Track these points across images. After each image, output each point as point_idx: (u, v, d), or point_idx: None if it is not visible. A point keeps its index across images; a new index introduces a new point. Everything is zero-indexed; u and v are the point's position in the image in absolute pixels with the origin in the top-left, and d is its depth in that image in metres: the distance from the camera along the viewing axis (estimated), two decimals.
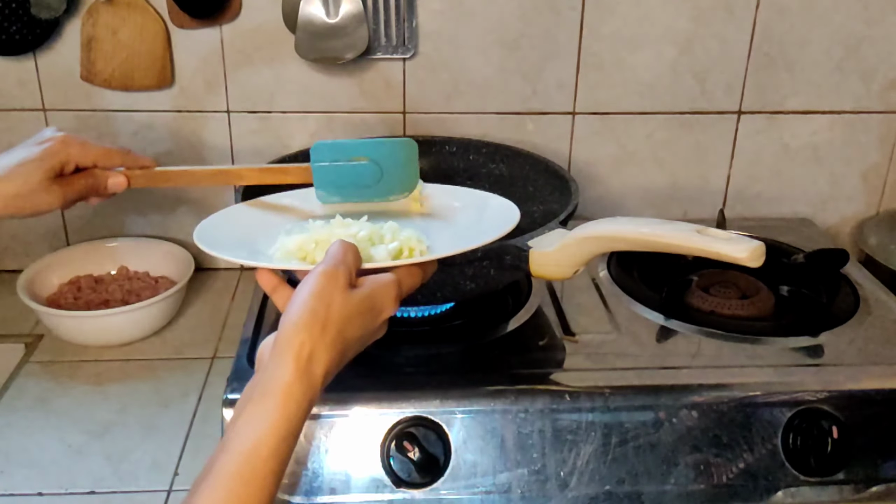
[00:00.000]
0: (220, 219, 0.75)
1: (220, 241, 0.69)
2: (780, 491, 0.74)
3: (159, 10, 1.01)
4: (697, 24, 1.06)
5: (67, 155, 0.76)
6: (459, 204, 0.78)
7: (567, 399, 0.74)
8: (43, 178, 0.75)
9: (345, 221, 0.72)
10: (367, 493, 0.72)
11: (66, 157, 0.76)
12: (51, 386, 0.92)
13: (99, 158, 0.78)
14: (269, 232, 0.73)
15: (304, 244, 0.68)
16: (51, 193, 0.75)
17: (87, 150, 0.78)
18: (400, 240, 0.68)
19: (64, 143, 0.76)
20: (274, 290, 0.64)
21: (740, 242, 0.64)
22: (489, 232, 0.68)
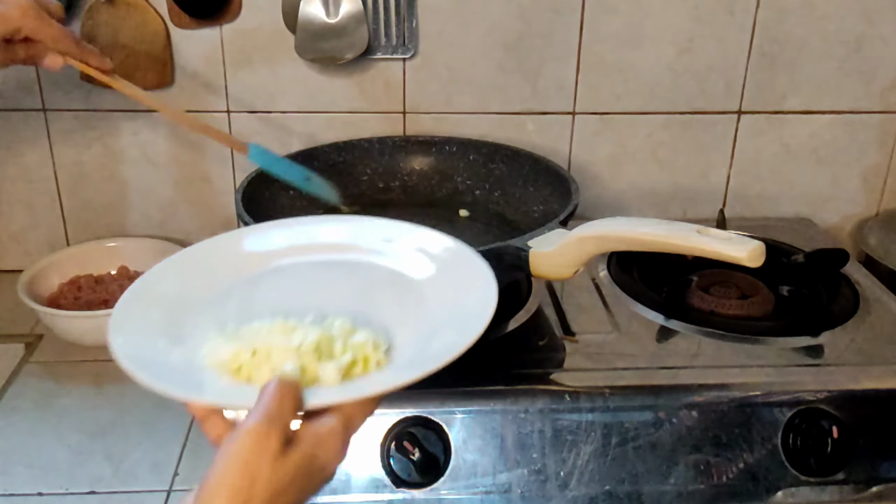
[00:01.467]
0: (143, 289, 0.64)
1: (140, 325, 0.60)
2: (780, 491, 0.74)
3: (159, 10, 1.01)
4: (697, 24, 1.06)
5: (22, 26, 0.75)
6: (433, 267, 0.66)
7: (567, 399, 0.74)
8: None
9: (288, 325, 0.58)
10: (367, 493, 0.72)
11: (20, 27, 0.75)
12: (51, 386, 0.92)
13: (49, 41, 0.77)
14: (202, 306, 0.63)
15: (239, 354, 0.56)
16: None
17: (41, 28, 0.76)
18: (352, 348, 0.56)
19: (23, 13, 0.75)
20: (205, 420, 0.54)
21: (740, 242, 0.64)
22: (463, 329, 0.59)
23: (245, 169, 0.96)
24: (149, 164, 1.09)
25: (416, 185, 1.04)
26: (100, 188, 1.10)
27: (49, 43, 0.78)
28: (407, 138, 1.05)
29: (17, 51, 0.77)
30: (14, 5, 0.75)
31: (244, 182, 0.89)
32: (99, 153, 1.08)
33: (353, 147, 1.02)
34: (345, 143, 1.02)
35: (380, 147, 1.04)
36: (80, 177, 1.10)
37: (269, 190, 0.94)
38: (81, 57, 0.80)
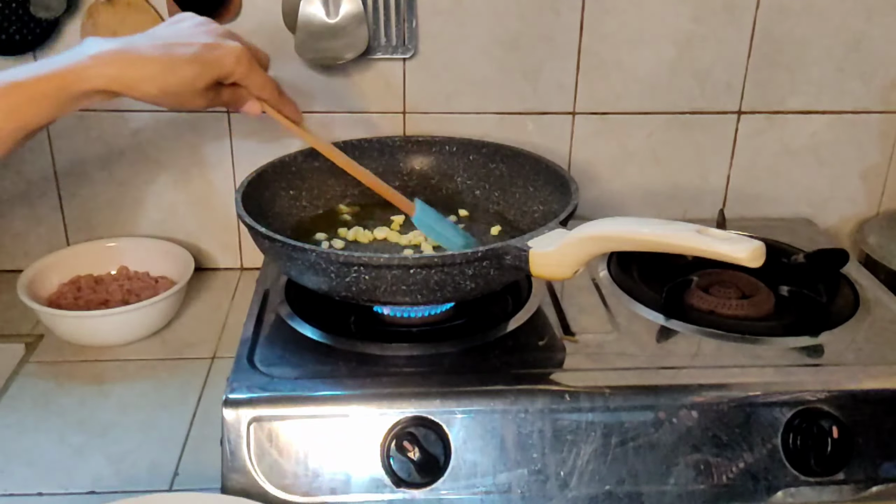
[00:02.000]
0: None
1: None
2: (780, 491, 0.74)
3: (159, 10, 1.01)
4: (697, 24, 1.06)
5: (234, 71, 0.77)
6: None
7: (567, 399, 0.74)
8: (206, 85, 0.76)
9: None
10: (367, 493, 0.72)
11: (232, 72, 0.77)
12: (51, 386, 0.92)
13: (255, 88, 0.80)
14: None
15: None
16: (202, 98, 0.77)
17: (251, 76, 0.79)
18: None
19: (237, 60, 0.77)
20: None
21: (740, 242, 0.64)
22: None
23: (245, 169, 0.96)
24: (149, 164, 1.09)
25: (416, 185, 1.04)
26: (100, 188, 1.10)
27: (254, 91, 0.80)
28: (407, 138, 1.05)
29: (222, 94, 0.80)
30: (230, 52, 0.77)
31: (244, 182, 0.90)
32: (99, 153, 1.08)
33: (353, 147, 1.02)
34: (345, 143, 1.02)
35: (380, 147, 1.04)
36: (80, 177, 1.10)
37: (269, 190, 0.94)
38: (279, 107, 0.84)
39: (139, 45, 0.73)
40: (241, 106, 0.82)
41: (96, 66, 0.71)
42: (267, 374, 0.76)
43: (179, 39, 0.75)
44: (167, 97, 0.75)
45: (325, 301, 0.83)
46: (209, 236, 1.15)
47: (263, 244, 0.80)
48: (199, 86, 0.75)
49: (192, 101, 0.76)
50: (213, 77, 0.76)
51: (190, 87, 0.75)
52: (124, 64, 0.72)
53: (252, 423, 0.72)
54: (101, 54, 0.71)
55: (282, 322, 0.85)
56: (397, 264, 0.73)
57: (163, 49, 0.73)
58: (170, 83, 0.74)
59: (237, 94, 0.81)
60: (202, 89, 0.76)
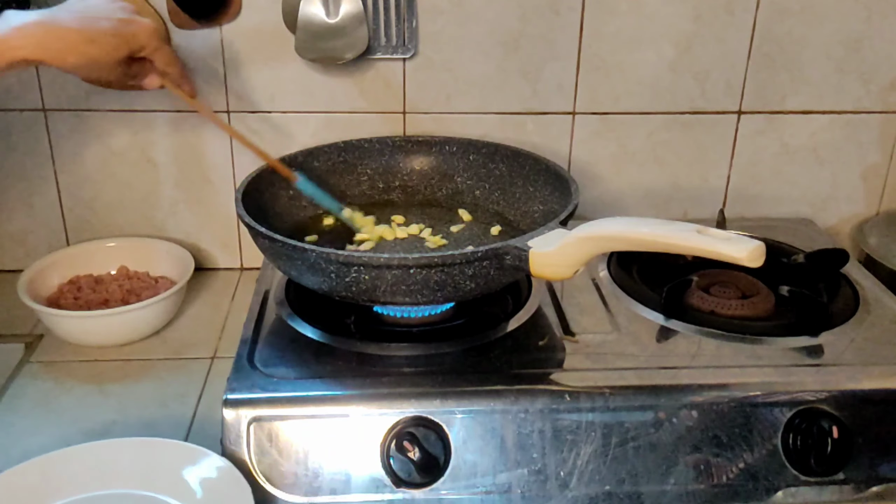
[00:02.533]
0: None
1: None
2: (780, 491, 0.74)
3: (159, 10, 1.01)
4: (697, 24, 1.06)
5: (146, 45, 0.80)
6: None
7: (567, 399, 0.74)
8: (122, 57, 0.78)
9: None
10: (367, 493, 0.72)
11: (145, 47, 0.80)
12: (51, 386, 0.92)
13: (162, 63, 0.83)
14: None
15: None
16: (115, 70, 0.79)
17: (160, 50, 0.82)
18: None
19: (150, 36, 0.80)
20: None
21: (740, 242, 0.64)
22: None
23: (245, 169, 0.96)
24: (149, 164, 1.09)
25: (416, 185, 1.04)
26: (100, 188, 1.10)
27: (161, 65, 0.83)
28: (407, 138, 1.05)
29: (132, 67, 0.82)
30: (145, 27, 0.80)
31: (244, 182, 0.90)
32: (99, 153, 1.08)
33: (353, 147, 1.02)
34: (345, 143, 1.02)
35: (380, 147, 1.04)
36: (80, 177, 1.10)
37: (269, 190, 0.94)
38: (180, 82, 0.87)
39: (60, 17, 0.76)
40: (144, 79, 0.84)
41: (18, 38, 0.72)
42: (267, 374, 0.76)
43: (97, 13, 0.78)
44: (85, 67, 0.77)
45: (325, 301, 0.83)
46: (209, 236, 1.15)
47: (263, 244, 0.80)
48: (116, 57, 0.78)
49: (108, 72, 0.79)
50: (129, 50, 0.79)
51: (108, 58, 0.77)
52: (46, 35, 0.74)
53: (252, 423, 0.72)
54: (23, 26, 0.73)
55: (282, 322, 0.85)
56: (397, 264, 0.73)
57: (83, 22, 0.76)
58: (90, 54, 0.76)
59: (143, 68, 0.83)
60: (117, 61, 0.79)
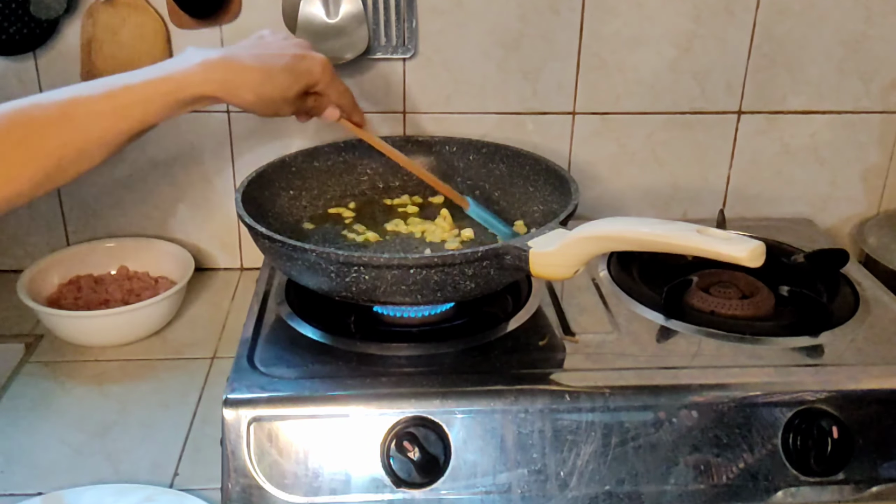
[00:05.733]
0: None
1: None
2: (780, 491, 0.74)
3: (159, 10, 1.01)
4: (697, 24, 1.06)
5: (320, 80, 0.82)
6: None
7: (567, 399, 0.74)
8: (297, 93, 0.81)
9: None
10: (367, 493, 0.72)
11: (318, 81, 0.82)
12: (51, 386, 0.92)
13: (335, 96, 0.85)
14: None
15: None
16: (291, 105, 0.82)
17: (333, 85, 0.84)
18: None
19: (323, 69, 0.82)
20: None
21: (740, 242, 0.64)
22: None
23: (245, 169, 0.96)
24: (149, 164, 1.09)
25: (416, 185, 1.04)
26: (100, 188, 1.10)
27: (334, 98, 0.85)
28: (407, 138, 1.05)
29: (307, 101, 0.84)
30: (317, 62, 0.82)
31: (244, 182, 0.90)
32: None
33: (353, 147, 1.02)
34: (345, 143, 1.02)
35: None
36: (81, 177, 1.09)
37: (269, 190, 0.94)
38: (351, 114, 0.89)
39: (240, 55, 0.78)
40: (321, 112, 0.87)
41: (205, 73, 0.74)
42: (267, 374, 0.76)
43: (271, 51, 0.80)
44: (262, 103, 0.78)
45: (325, 301, 0.83)
46: (209, 236, 1.15)
47: (263, 244, 0.80)
48: (291, 93, 0.80)
49: (283, 107, 0.81)
50: (303, 85, 0.81)
51: (283, 94, 0.79)
52: (229, 71, 0.76)
53: (252, 423, 0.72)
54: (207, 62, 0.75)
55: (282, 322, 0.85)
56: (397, 264, 0.73)
57: (260, 59, 0.78)
58: (267, 91, 0.78)
59: (319, 101, 0.85)
60: (293, 97, 0.81)
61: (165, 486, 0.78)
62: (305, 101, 0.84)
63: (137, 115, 0.72)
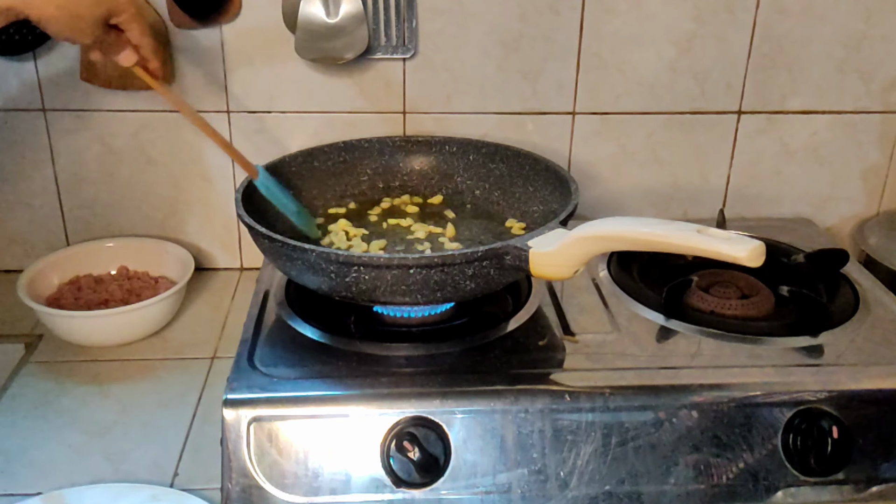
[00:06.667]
0: None
1: None
2: (780, 491, 0.74)
3: (159, 10, 1.01)
4: (697, 24, 1.06)
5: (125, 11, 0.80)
6: None
7: (567, 399, 0.74)
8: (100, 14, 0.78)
9: None
10: (367, 493, 0.72)
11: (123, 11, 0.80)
12: (51, 386, 0.92)
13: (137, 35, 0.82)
14: None
15: None
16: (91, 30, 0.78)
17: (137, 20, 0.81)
18: None
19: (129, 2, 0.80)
20: None
21: (740, 242, 0.64)
22: None
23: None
24: (149, 164, 1.09)
25: (416, 185, 1.04)
26: (100, 188, 1.10)
27: (134, 38, 0.82)
28: (407, 138, 1.05)
29: (109, 34, 0.81)
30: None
31: (244, 182, 0.90)
32: (99, 153, 1.08)
33: (353, 147, 1.02)
34: (345, 143, 1.02)
35: (380, 147, 1.04)
36: (80, 177, 1.10)
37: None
38: (150, 59, 0.85)
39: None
40: (119, 52, 0.83)
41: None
42: (267, 374, 0.76)
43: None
44: (62, 19, 0.75)
45: (325, 301, 0.83)
46: (209, 236, 1.15)
47: (263, 244, 0.80)
48: (93, 14, 0.77)
49: (84, 29, 0.77)
50: (107, 8, 0.78)
51: (85, 12, 0.76)
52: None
53: (252, 423, 0.72)
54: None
55: (282, 322, 0.85)
56: (397, 264, 0.73)
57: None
58: (70, 6, 0.75)
59: (118, 39, 0.82)
60: (94, 20, 0.78)
61: (165, 486, 0.78)
62: (108, 34, 0.81)
63: None
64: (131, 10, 0.80)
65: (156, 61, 0.86)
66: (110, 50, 0.83)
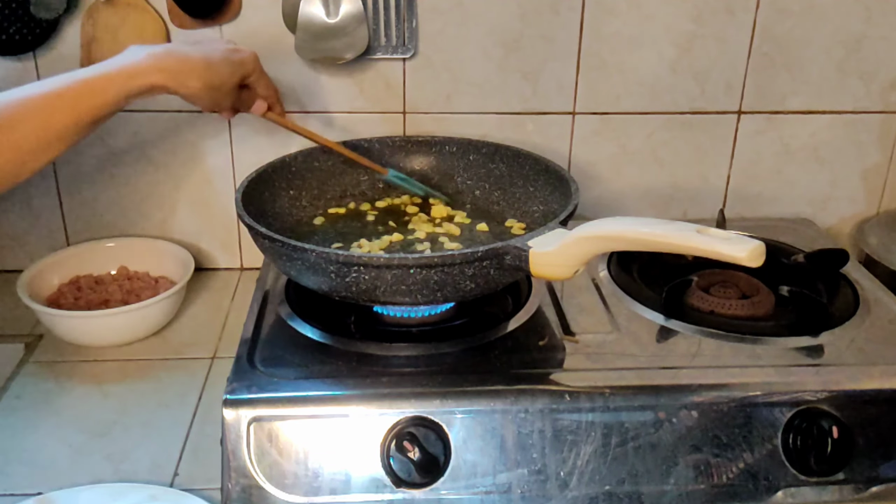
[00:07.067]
0: None
1: None
2: (780, 491, 0.74)
3: (159, 10, 1.01)
4: (697, 24, 1.06)
5: (254, 72, 0.88)
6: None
7: (567, 399, 0.74)
8: (236, 82, 0.86)
9: None
10: (367, 493, 0.72)
11: (252, 72, 0.88)
12: (51, 386, 0.92)
13: (263, 89, 0.90)
14: None
15: None
16: (230, 96, 0.87)
17: (262, 77, 0.90)
18: None
19: (255, 62, 0.88)
20: None
21: (740, 242, 0.64)
22: None
23: (245, 169, 0.96)
24: (149, 164, 1.09)
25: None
26: (100, 188, 1.10)
27: (262, 90, 0.91)
28: (407, 138, 1.05)
29: (241, 93, 0.89)
30: (250, 55, 0.88)
31: (244, 182, 0.90)
32: (99, 153, 1.08)
33: (353, 147, 1.02)
34: (345, 143, 1.02)
35: (380, 147, 1.04)
36: (80, 177, 1.10)
37: (269, 190, 0.94)
38: (275, 106, 0.93)
39: (183, 48, 0.84)
40: (251, 105, 0.91)
41: (154, 63, 0.80)
42: (267, 374, 0.76)
43: (211, 45, 0.87)
44: (206, 91, 0.83)
45: (325, 301, 0.83)
46: (209, 236, 1.15)
47: (263, 244, 0.80)
48: (231, 82, 0.86)
49: (224, 97, 0.86)
50: (241, 75, 0.87)
51: (224, 82, 0.85)
52: (176, 62, 0.81)
53: (252, 423, 0.72)
54: (154, 54, 0.81)
55: (282, 322, 0.85)
56: (397, 264, 0.73)
57: (201, 51, 0.84)
58: (210, 79, 0.83)
59: (249, 95, 0.90)
60: (233, 88, 0.86)
61: (165, 486, 0.78)
62: (241, 93, 0.89)
63: (93, 105, 0.77)
64: (259, 68, 0.89)
65: (281, 105, 0.94)
66: (243, 105, 0.91)
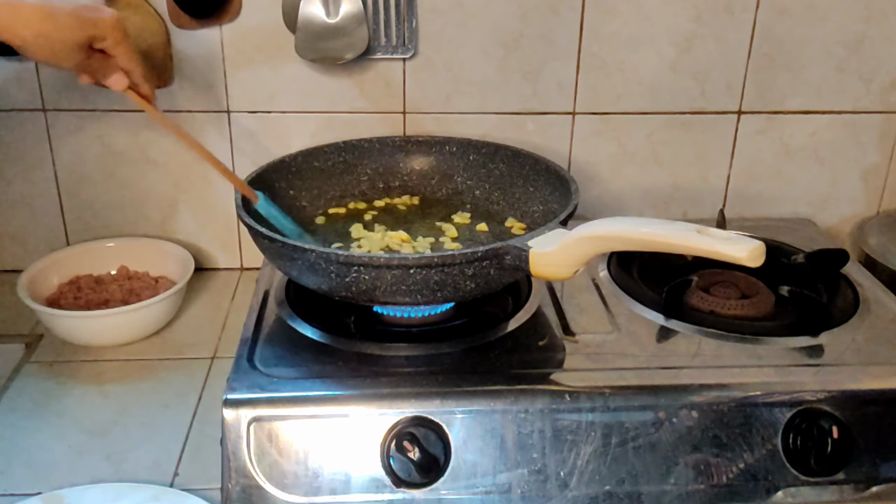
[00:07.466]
0: None
1: None
2: (780, 491, 0.74)
3: (159, 10, 1.01)
4: (697, 24, 1.06)
5: (108, 36, 0.78)
6: None
7: (567, 399, 0.74)
8: (80, 40, 0.76)
9: None
10: (367, 493, 0.72)
11: (106, 36, 0.78)
12: (51, 386, 0.92)
13: (124, 60, 0.80)
14: None
15: None
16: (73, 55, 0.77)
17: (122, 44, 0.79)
18: None
19: (114, 27, 0.78)
20: None
21: (740, 242, 0.64)
22: None
23: (245, 170, 0.96)
24: (149, 164, 1.09)
25: (416, 185, 1.04)
26: (100, 188, 1.10)
27: (122, 62, 0.81)
28: (407, 138, 1.05)
29: (92, 58, 0.79)
30: (108, 16, 0.78)
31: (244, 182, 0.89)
32: (99, 153, 1.08)
33: (353, 147, 1.02)
34: (345, 143, 1.02)
35: (380, 147, 1.04)
36: (80, 177, 1.10)
37: (269, 190, 0.94)
38: (141, 84, 0.83)
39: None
40: (108, 77, 0.82)
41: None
42: (267, 374, 0.76)
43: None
44: (40, 44, 0.74)
45: (325, 301, 0.83)
46: (209, 236, 1.15)
47: (263, 244, 0.80)
48: (73, 39, 0.76)
49: (64, 55, 0.76)
50: (88, 34, 0.77)
51: (64, 37, 0.75)
52: (4, 6, 0.72)
53: (252, 423, 0.72)
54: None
55: (282, 322, 0.85)
56: (397, 264, 0.73)
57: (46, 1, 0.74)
58: (46, 29, 0.74)
59: (106, 63, 0.80)
60: (75, 45, 0.76)
61: (165, 485, 0.78)
62: (91, 57, 0.79)
63: None
64: (116, 34, 0.78)
65: (147, 86, 0.84)
66: (98, 74, 0.81)
